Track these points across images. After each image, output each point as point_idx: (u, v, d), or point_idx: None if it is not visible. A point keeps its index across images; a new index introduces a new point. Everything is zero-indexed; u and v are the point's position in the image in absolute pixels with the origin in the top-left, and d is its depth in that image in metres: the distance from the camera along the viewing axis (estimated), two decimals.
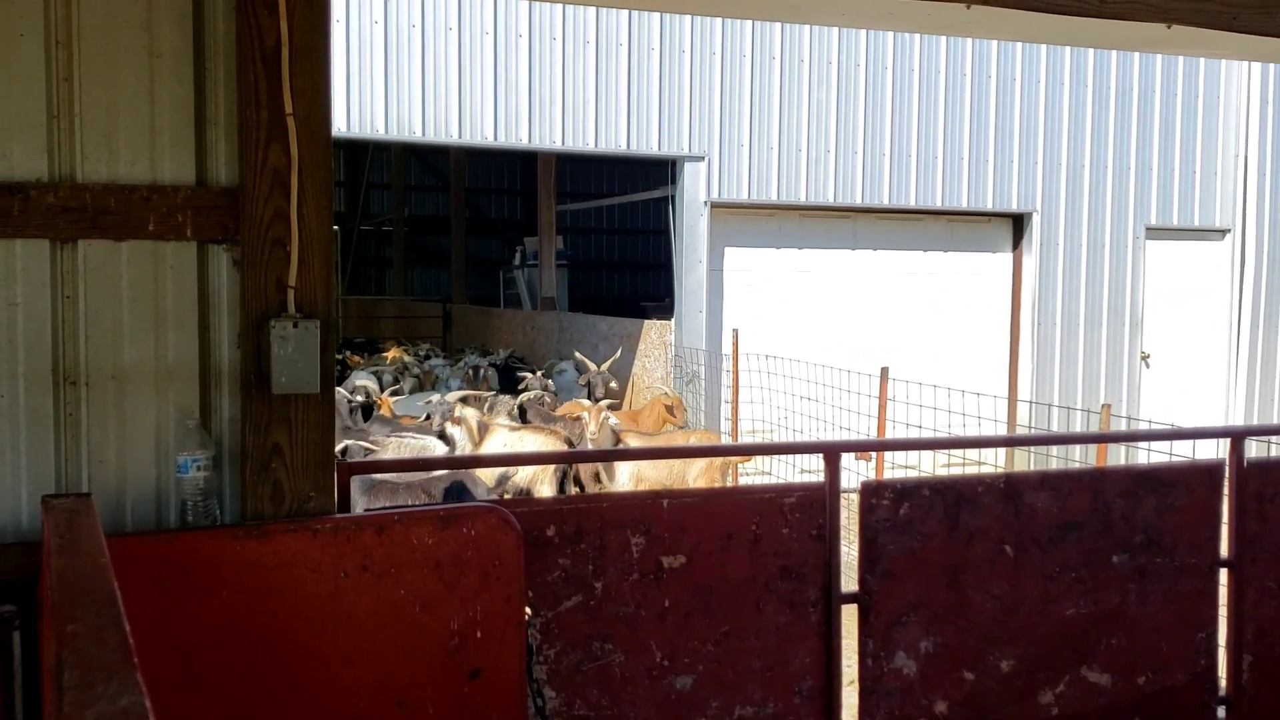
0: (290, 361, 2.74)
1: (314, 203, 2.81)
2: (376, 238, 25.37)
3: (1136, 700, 3.70)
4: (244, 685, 2.67)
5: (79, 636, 1.12)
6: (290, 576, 2.69)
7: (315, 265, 2.82)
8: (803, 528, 3.35)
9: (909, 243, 12.40)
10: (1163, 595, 3.71)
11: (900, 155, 11.90)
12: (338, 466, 2.94)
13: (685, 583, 3.24)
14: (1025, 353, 12.73)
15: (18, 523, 2.76)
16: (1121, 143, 12.83)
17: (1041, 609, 3.58)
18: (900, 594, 3.45)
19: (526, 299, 19.09)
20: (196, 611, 2.63)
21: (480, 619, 2.88)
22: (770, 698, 3.33)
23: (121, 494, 2.82)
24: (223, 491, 2.89)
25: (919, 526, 3.46)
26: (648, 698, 3.22)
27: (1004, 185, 12.37)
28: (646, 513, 3.23)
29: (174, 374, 2.85)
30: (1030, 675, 3.59)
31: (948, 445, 4.64)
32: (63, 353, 2.79)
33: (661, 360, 11.69)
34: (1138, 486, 3.68)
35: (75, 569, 1.38)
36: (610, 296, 23.33)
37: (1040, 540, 3.57)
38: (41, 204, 2.73)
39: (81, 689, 0.97)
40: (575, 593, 3.17)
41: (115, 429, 2.82)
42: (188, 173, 2.84)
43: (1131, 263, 13.04)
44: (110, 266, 2.80)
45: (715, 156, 11.24)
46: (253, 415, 2.80)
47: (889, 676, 3.45)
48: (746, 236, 11.74)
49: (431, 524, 2.85)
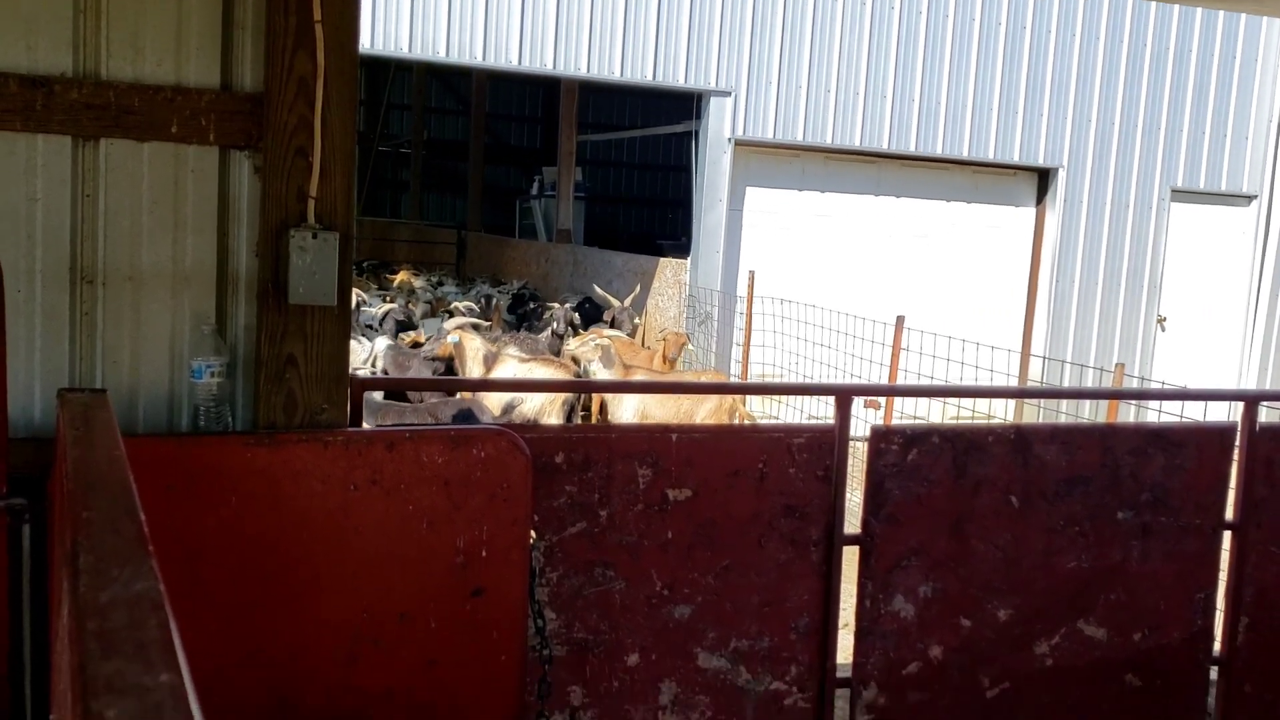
0: (308, 272, 2.74)
1: (338, 113, 2.78)
2: (395, 160, 25.22)
3: (1131, 656, 3.73)
4: (249, 591, 2.70)
5: (94, 524, 1.12)
6: (300, 486, 2.71)
7: (337, 176, 2.80)
8: (810, 468, 3.36)
9: (932, 192, 12.28)
10: (1165, 554, 3.72)
11: (929, 102, 11.74)
12: (351, 381, 2.94)
13: (689, 516, 3.26)
14: (1041, 309, 12.67)
15: (30, 418, 2.78)
16: (1153, 102, 12.64)
17: (1043, 561, 3.60)
18: (902, 539, 3.47)
19: (542, 230, 19.00)
20: (204, 515, 2.65)
21: (486, 539, 2.90)
22: (766, 632, 3.36)
23: (134, 395, 2.84)
24: (235, 399, 2.90)
25: (926, 473, 3.46)
26: (646, 625, 3.25)
27: (1032, 139, 12.21)
28: (655, 445, 3.24)
29: (191, 279, 2.85)
30: (1027, 626, 3.62)
31: (959, 394, 4.62)
32: (80, 251, 2.78)
33: (675, 299, 11.66)
34: (1148, 444, 3.67)
35: (91, 460, 1.38)
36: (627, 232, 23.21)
37: (1047, 493, 3.58)
38: (65, 99, 2.71)
39: (96, 573, 0.98)
40: (580, 519, 3.19)
41: (130, 330, 2.82)
42: (213, 76, 2.81)
43: (1154, 224, 12.92)
44: (131, 167, 2.79)
45: (742, 93, 11.11)
46: (268, 324, 2.80)
47: (886, 619, 3.48)
48: (769, 177, 11.64)
49: (442, 443, 2.86)
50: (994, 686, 3.60)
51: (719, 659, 3.33)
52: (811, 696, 3.43)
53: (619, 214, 24.76)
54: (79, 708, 0.74)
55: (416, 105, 22.97)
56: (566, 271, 14.87)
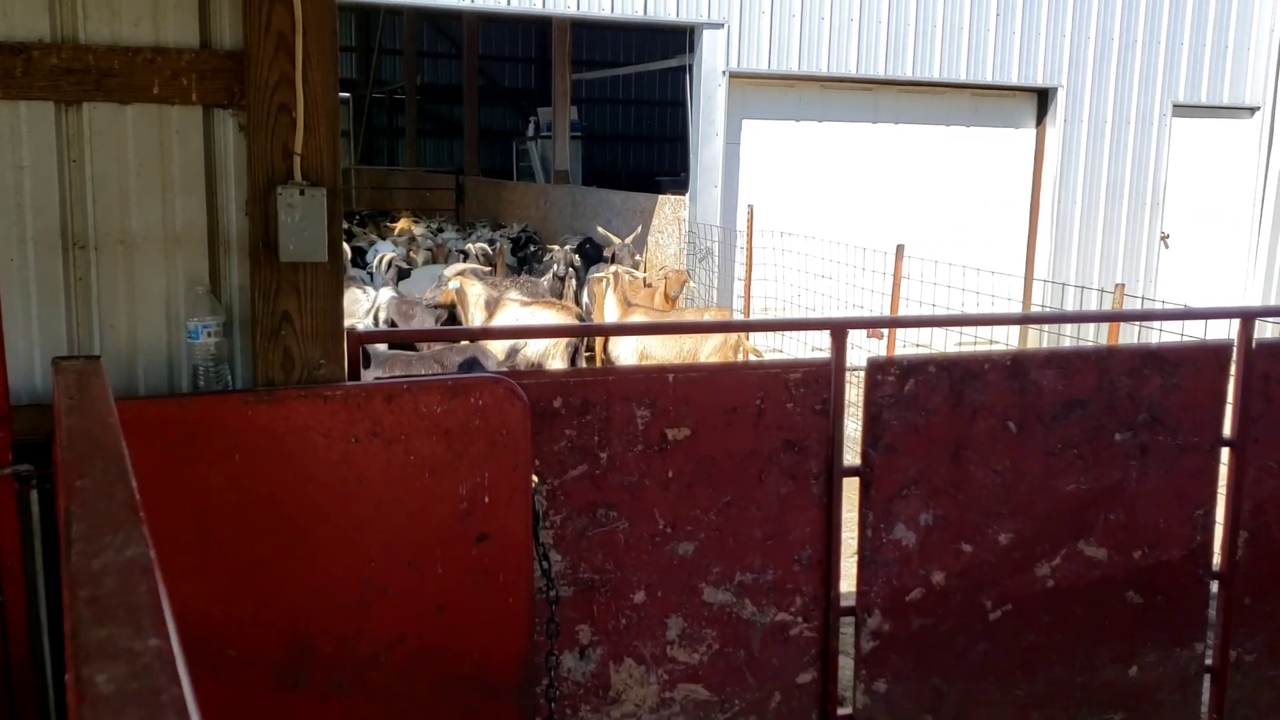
0: (297, 229, 2.74)
1: (319, 67, 2.77)
2: (389, 106, 25.01)
3: (1131, 573, 3.78)
4: (258, 545, 2.75)
5: (87, 491, 1.15)
6: (302, 442, 2.75)
7: (321, 132, 2.79)
8: (807, 403, 3.38)
9: (931, 117, 12.17)
10: (1163, 473, 3.75)
11: (925, 25, 11.59)
12: (347, 335, 2.96)
13: (689, 454, 3.29)
14: (1044, 231, 12.62)
15: (32, 385, 2.81)
16: (1153, 15, 12.46)
17: (1042, 484, 3.63)
18: (902, 468, 3.50)
19: (540, 172, 18.90)
20: (208, 474, 2.69)
21: (488, 485, 2.94)
22: (770, 565, 3.41)
23: (133, 359, 2.86)
24: (234, 358, 2.92)
25: (923, 403, 3.48)
26: (650, 562, 3.30)
27: (1030, 58, 12.07)
28: (652, 387, 3.26)
29: (182, 240, 2.86)
30: (1028, 549, 3.66)
31: (955, 323, 4.63)
32: (71, 217, 2.79)
33: (675, 236, 11.63)
34: (1144, 365, 3.69)
35: (84, 428, 1.41)
36: (625, 170, 23.07)
37: (1044, 418, 3.60)
38: (44, 65, 2.70)
39: (89, 540, 1.01)
40: (581, 462, 3.22)
41: (125, 294, 2.84)
42: (191, 35, 2.80)
43: (1156, 140, 12.80)
44: (116, 130, 2.79)
45: (735, 24, 10.97)
46: (261, 283, 2.82)
47: (888, 547, 3.53)
48: (765, 108, 11.54)
49: (440, 393, 2.89)
50: (996, 609, 3.66)
51: (724, 593, 3.38)
52: (817, 626, 3.49)
53: (616, 151, 24.60)
54: (72, 674, 0.77)
55: (408, 50, 22.73)
56: (566, 212, 14.82)
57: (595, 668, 3.31)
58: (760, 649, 3.44)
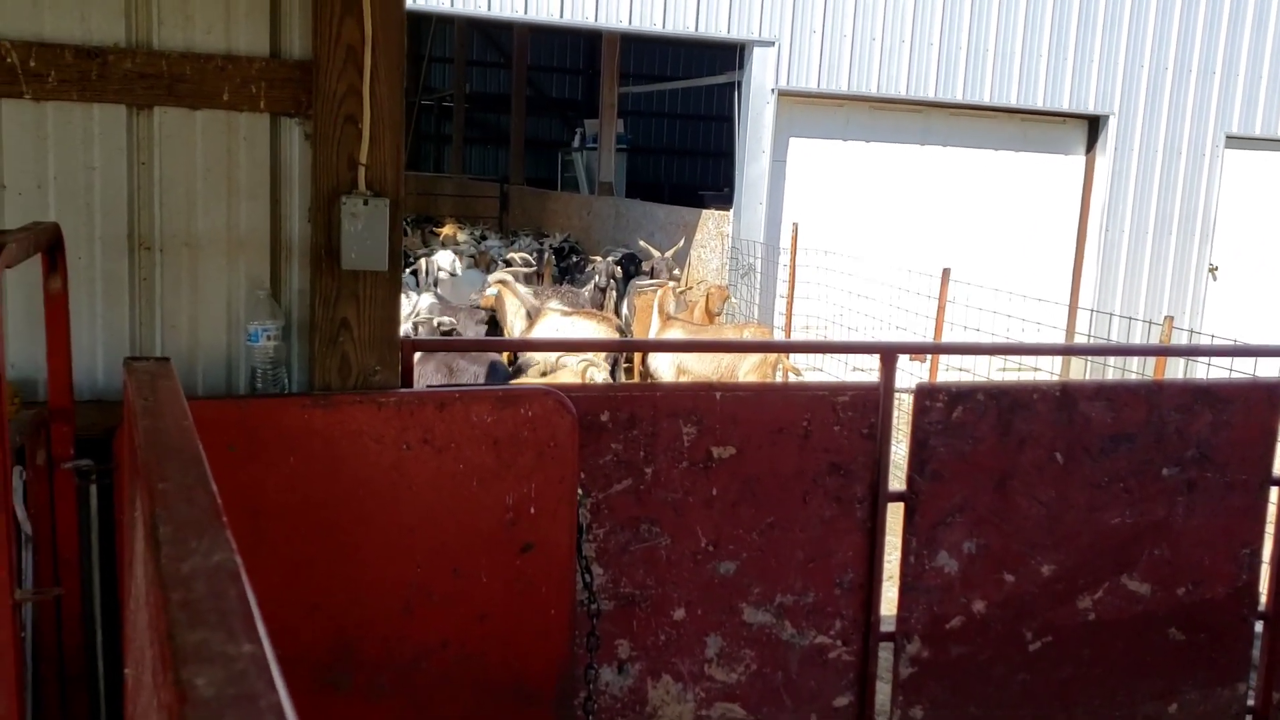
0: (360, 238, 2.79)
1: (386, 80, 2.81)
2: (437, 113, 25.22)
3: (1174, 610, 3.74)
4: (308, 547, 2.79)
5: (169, 495, 1.18)
6: (355, 446, 2.79)
7: (386, 143, 2.84)
8: (854, 426, 3.38)
9: (980, 141, 12.11)
10: (1210, 510, 3.71)
11: (977, 49, 11.54)
12: (401, 343, 3.00)
13: (734, 473, 3.30)
14: (1090, 260, 12.50)
15: (94, 382, 2.87)
16: (1209, 44, 12.34)
17: (1087, 517, 3.61)
18: (947, 495, 3.49)
19: (584, 182, 18.98)
20: (264, 475, 2.73)
21: (534, 496, 2.97)
22: (811, 587, 3.41)
23: (193, 359, 2.92)
24: (291, 362, 2.97)
25: (971, 430, 3.47)
26: (691, 580, 3.31)
27: (1082, 85, 11.98)
28: (699, 404, 3.28)
29: (245, 244, 2.91)
30: (1070, 580, 3.64)
31: (1004, 351, 4.61)
32: (138, 219, 2.85)
33: (718, 251, 11.64)
34: (1194, 401, 3.66)
35: (161, 430, 1.44)
36: (669, 184, 23.11)
37: (1091, 449, 3.58)
38: (119, 69, 2.76)
39: (176, 544, 1.04)
40: (626, 476, 3.24)
41: (188, 295, 2.90)
42: (262, 44, 2.85)
43: (1208, 171, 12.66)
44: (185, 135, 2.85)
45: (785, 42, 10.99)
46: (322, 289, 2.86)
47: (930, 574, 3.52)
48: (813, 127, 11.54)
49: (490, 403, 2.92)
50: (1036, 640, 3.64)
51: (764, 613, 3.39)
52: (855, 650, 3.48)
53: (661, 165, 24.65)
54: (170, 675, 0.80)
55: (458, 59, 22.92)
56: (609, 224, 14.87)
57: (633, 683, 3.32)
58: (798, 671, 3.44)
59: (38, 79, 2.71)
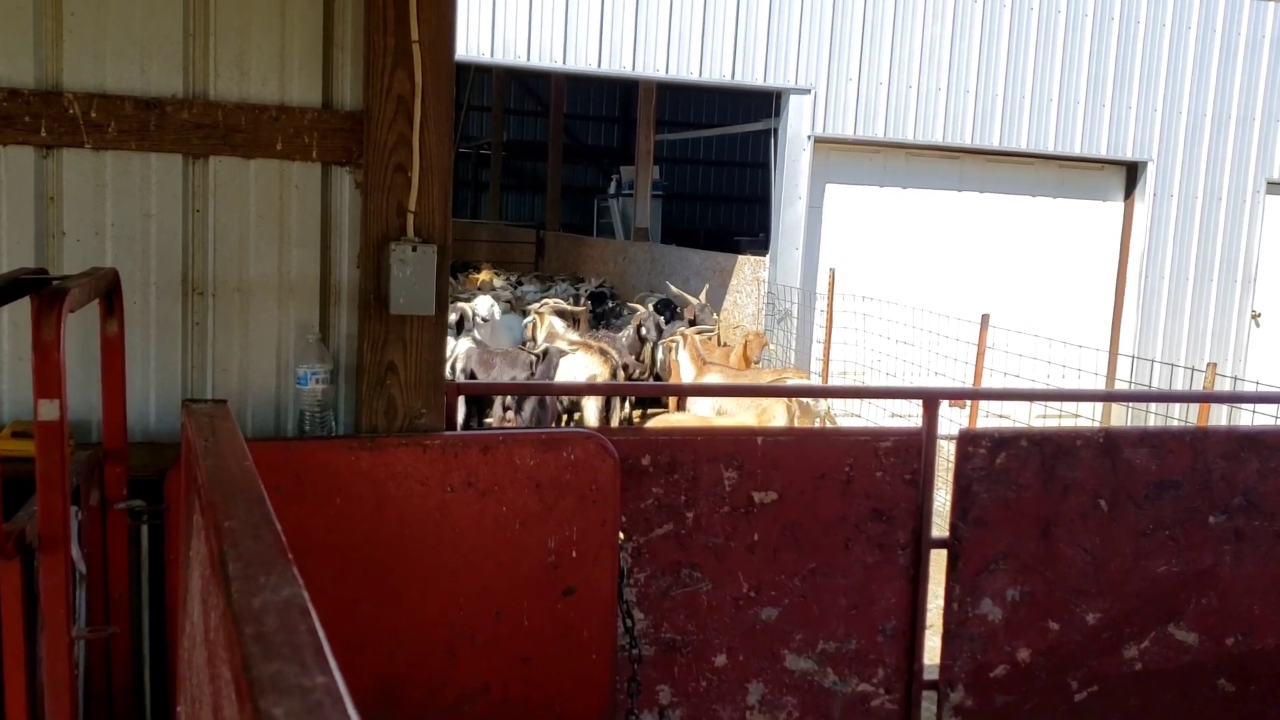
0: (408, 284, 2.84)
1: (435, 130, 2.88)
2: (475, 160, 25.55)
3: (1223, 660, 3.68)
4: (354, 587, 2.82)
5: (236, 533, 1.21)
6: (400, 488, 2.82)
7: (434, 191, 2.90)
8: (897, 472, 3.38)
9: (1017, 187, 12.11)
10: (1259, 558, 3.66)
11: (1014, 96, 11.57)
12: (446, 386, 3.04)
13: (775, 518, 3.30)
14: (1130, 306, 12.41)
15: (146, 423, 2.93)
16: (1248, 91, 12.29)
17: (1132, 565, 3.57)
18: (991, 542, 3.47)
19: (620, 228, 19.12)
20: (310, 516, 2.76)
21: (576, 539, 2.98)
22: (854, 634, 3.39)
23: (243, 401, 2.97)
24: (338, 404, 3.02)
25: (1014, 477, 3.46)
26: (733, 626, 3.30)
27: (1120, 132, 11.97)
28: (740, 449, 3.29)
29: (295, 289, 2.97)
30: (1116, 629, 3.59)
31: (1046, 397, 4.59)
32: (192, 264, 2.92)
33: (754, 297, 11.66)
34: (1240, 448, 3.62)
35: (224, 469, 1.48)
36: (704, 229, 23.22)
37: (1136, 497, 3.55)
38: (176, 119, 2.85)
39: (245, 579, 1.07)
40: (667, 521, 3.25)
41: (239, 339, 2.96)
42: (314, 95, 2.93)
43: (1249, 217, 12.56)
44: (239, 183, 2.92)
45: (822, 90, 11.07)
46: (370, 333, 2.91)
47: (973, 622, 3.49)
48: (849, 173, 11.58)
49: (533, 446, 2.94)
50: (1082, 690, 3.59)
51: (806, 660, 3.37)
52: (898, 698, 3.45)
53: (696, 211, 24.80)
54: (247, 706, 0.82)
55: (496, 107, 23.26)
56: (644, 270, 14.95)
57: None
58: (840, 719, 3.41)
59: (98, 129, 2.80)
